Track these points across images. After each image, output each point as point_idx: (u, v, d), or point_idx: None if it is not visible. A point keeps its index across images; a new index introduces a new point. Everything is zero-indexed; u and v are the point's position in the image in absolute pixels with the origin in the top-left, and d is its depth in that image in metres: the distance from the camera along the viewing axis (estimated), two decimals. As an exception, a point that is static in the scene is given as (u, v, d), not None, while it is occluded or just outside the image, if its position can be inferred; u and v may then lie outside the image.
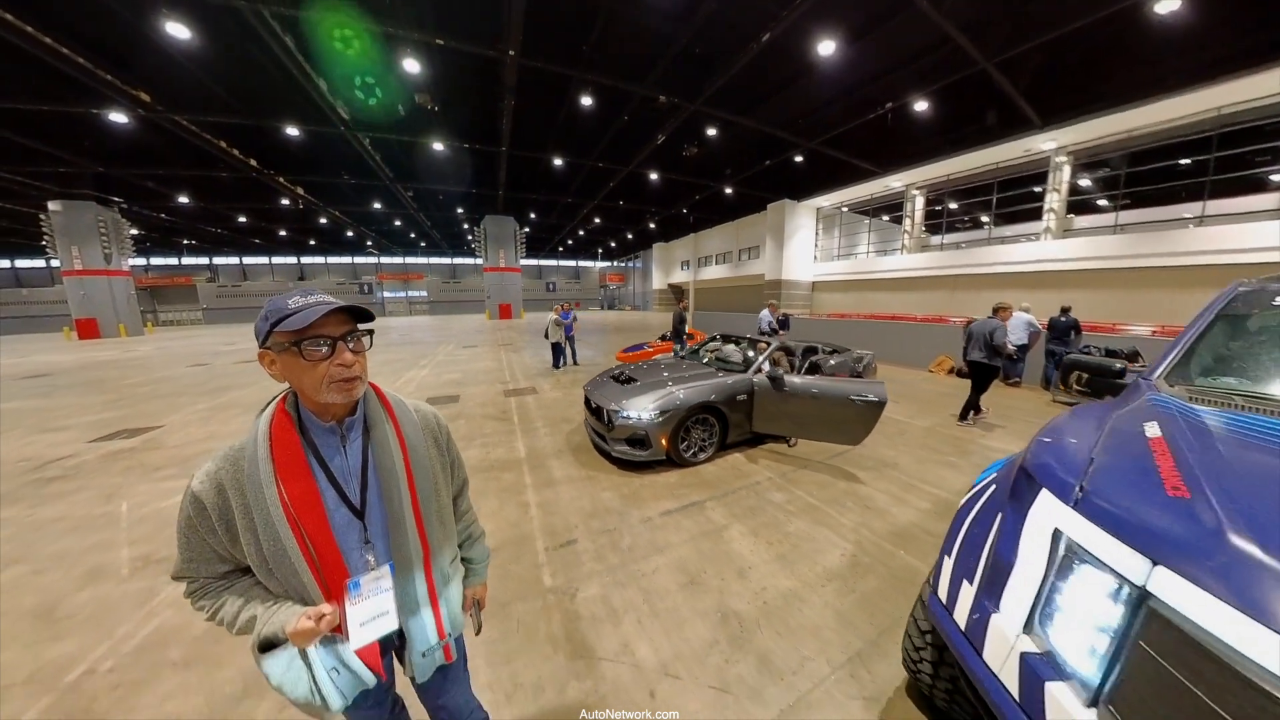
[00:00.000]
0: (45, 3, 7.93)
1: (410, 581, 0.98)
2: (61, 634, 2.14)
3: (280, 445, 0.87)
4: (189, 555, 0.89)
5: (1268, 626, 0.77)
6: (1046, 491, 1.25)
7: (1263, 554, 0.85)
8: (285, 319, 0.83)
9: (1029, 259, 14.69)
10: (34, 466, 4.27)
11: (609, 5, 8.29)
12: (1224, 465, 1.14)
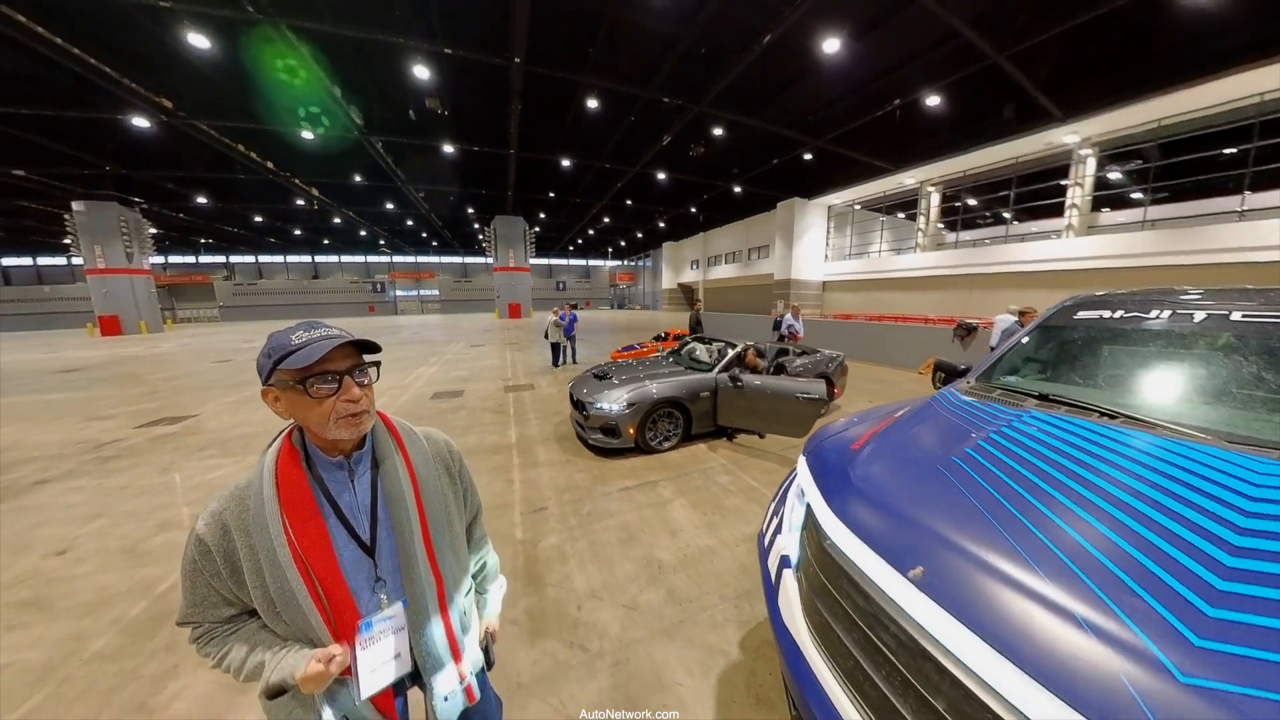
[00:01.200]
0: (75, 15, 8.75)
1: (425, 620, 0.96)
2: (146, 564, 2.87)
3: (286, 483, 0.87)
4: (193, 599, 0.88)
5: (851, 531, 1.23)
6: (803, 455, 1.86)
7: (864, 488, 1.37)
8: (289, 355, 0.82)
9: (1049, 257, 14.42)
10: (92, 447, 5.10)
11: (612, 11, 8.79)
12: (906, 436, 1.65)
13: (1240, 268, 10.50)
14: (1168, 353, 1.69)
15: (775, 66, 10.67)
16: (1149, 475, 1.10)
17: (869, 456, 1.51)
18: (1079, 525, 0.98)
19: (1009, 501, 1.09)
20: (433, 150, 16.86)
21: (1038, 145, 14.18)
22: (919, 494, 1.24)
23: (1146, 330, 1.74)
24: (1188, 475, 1.08)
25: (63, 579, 2.69)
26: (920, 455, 1.45)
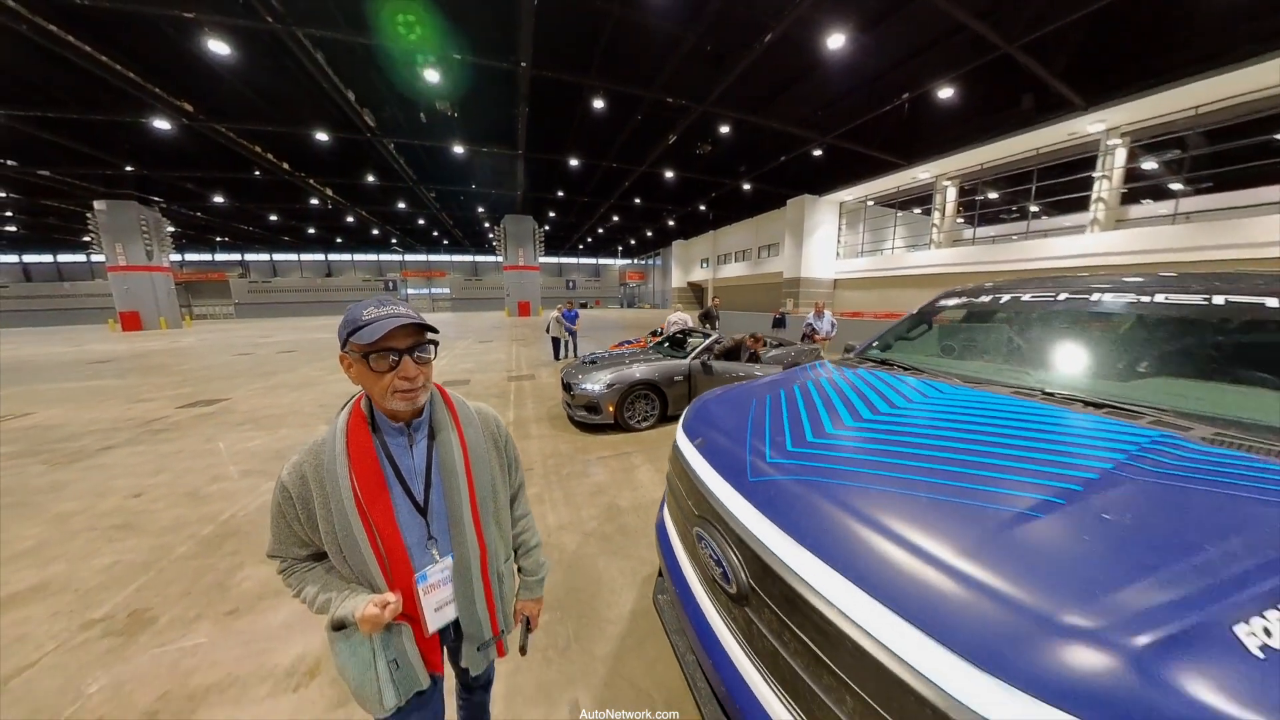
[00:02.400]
0: (101, 22, 9.46)
1: (468, 579, 1.08)
2: (208, 503, 3.68)
3: (355, 442, 0.98)
4: (278, 537, 1.02)
5: (750, 501, 1.27)
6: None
7: (700, 413, 1.90)
8: (358, 330, 0.92)
9: (1073, 253, 13.99)
10: (143, 423, 5.99)
11: (617, 13, 9.27)
12: (756, 385, 2.12)
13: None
14: (975, 329, 2.34)
15: (780, 64, 10.94)
16: (875, 392, 1.74)
17: (718, 397, 2.11)
18: (792, 414, 1.62)
19: (774, 407, 1.71)
20: (443, 151, 17.72)
21: (1060, 135, 13.66)
22: (726, 410, 1.85)
23: (973, 313, 2.39)
24: (893, 394, 1.71)
25: (144, 512, 3.50)
26: (751, 392, 2.02)
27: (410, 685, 1.03)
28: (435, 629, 1.07)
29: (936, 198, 19.68)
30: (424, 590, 1.04)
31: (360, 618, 0.93)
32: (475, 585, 1.09)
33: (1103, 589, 0.73)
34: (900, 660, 0.77)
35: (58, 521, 3.36)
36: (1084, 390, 1.54)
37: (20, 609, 2.42)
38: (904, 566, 0.87)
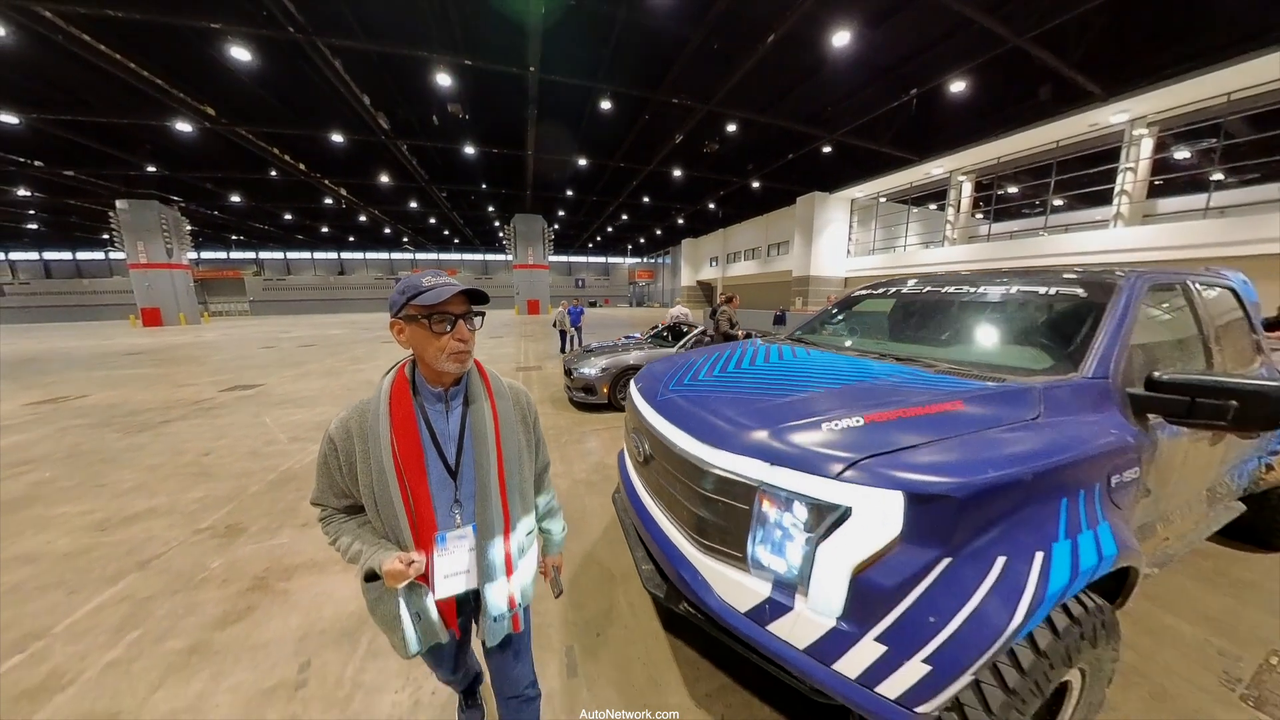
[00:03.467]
0: (132, 31, 10.23)
1: (490, 546, 1.17)
2: (268, 459, 4.54)
3: (397, 404, 1.10)
4: (322, 486, 1.16)
5: (651, 406, 2.01)
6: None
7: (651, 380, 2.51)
8: (420, 294, 1.02)
9: (1095, 249, 13.71)
10: (193, 402, 6.93)
11: (623, 16, 9.83)
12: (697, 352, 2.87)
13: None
14: (867, 315, 3.08)
15: (785, 61, 11.30)
16: (763, 356, 2.48)
17: (662, 360, 2.83)
18: (698, 367, 2.37)
19: (697, 368, 2.47)
20: (455, 152, 18.59)
21: (1080, 126, 13.38)
22: (662, 368, 2.56)
23: (870, 303, 3.13)
24: (775, 356, 2.45)
25: (216, 465, 4.35)
26: (687, 356, 2.72)
27: (431, 637, 1.18)
28: (442, 595, 1.16)
29: (951, 193, 19.47)
30: (439, 553, 1.13)
31: (386, 571, 1.04)
32: (497, 550, 1.18)
33: (773, 419, 1.52)
34: (691, 455, 1.59)
35: (148, 470, 4.22)
36: (897, 350, 2.32)
37: (142, 523, 3.26)
38: (703, 419, 1.68)
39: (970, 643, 1.07)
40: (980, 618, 1.07)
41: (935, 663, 1.07)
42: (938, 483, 1.12)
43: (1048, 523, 1.19)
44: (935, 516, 1.12)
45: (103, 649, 2.10)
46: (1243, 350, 2.67)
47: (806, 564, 1.22)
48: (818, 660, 1.20)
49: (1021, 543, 1.15)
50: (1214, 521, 2.67)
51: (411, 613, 1.15)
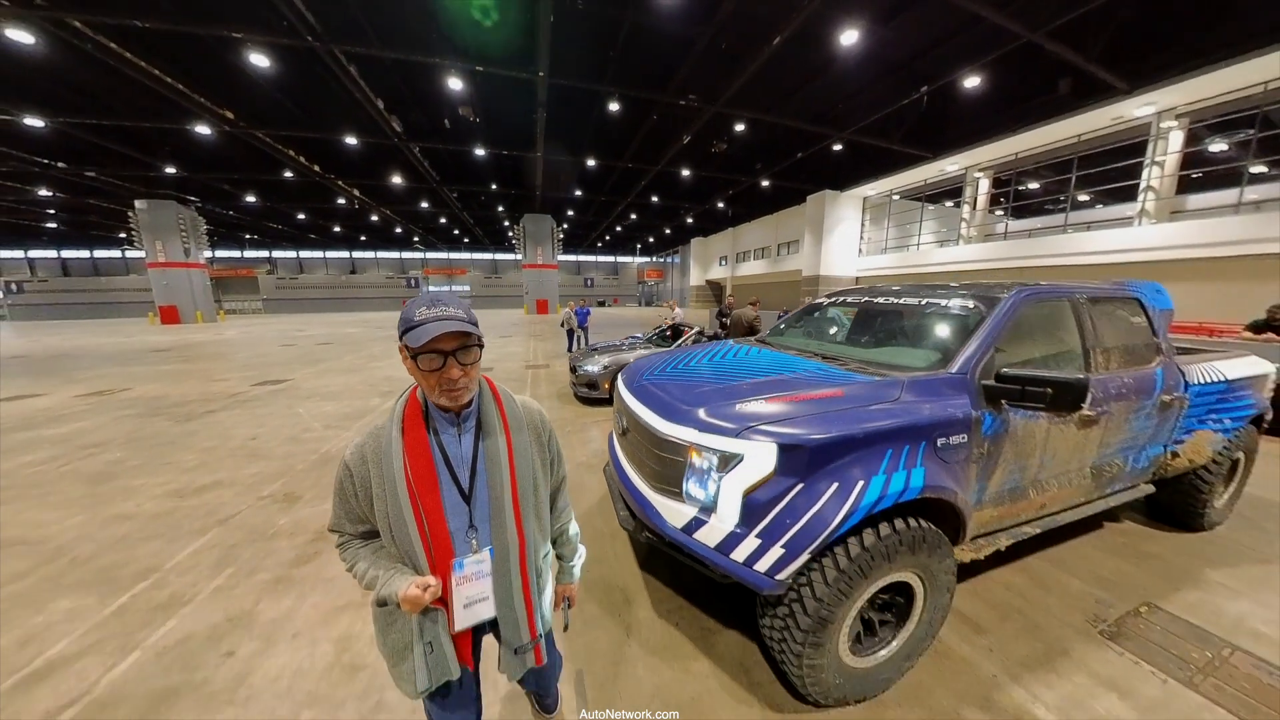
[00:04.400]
0: (156, 39, 10.83)
1: (507, 572, 1.19)
2: (306, 443, 5.30)
3: (410, 428, 1.13)
4: (338, 513, 1.18)
5: (629, 391, 2.68)
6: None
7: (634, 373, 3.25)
8: (409, 331, 1.04)
9: (1119, 247, 13.41)
10: (229, 395, 7.74)
11: (631, 19, 10.20)
12: (678, 352, 3.61)
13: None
14: (820, 319, 3.70)
15: (793, 61, 11.52)
16: (731, 353, 3.12)
17: (646, 357, 3.50)
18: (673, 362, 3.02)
19: (670, 365, 3.12)
20: (465, 154, 19.34)
21: (1103, 120, 13.12)
22: (645, 363, 3.22)
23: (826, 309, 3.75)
24: (732, 355, 3.09)
25: (263, 447, 5.10)
26: (667, 354, 3.44)
27: (442, 672, 1.16)
28: (462, 626, 1.17)
29: (967, 190, 19.26)
30: (457, 580, 1.14)
31: (402, 597, 1.05)
32: (514, 575, 1.19)
33: (705, 401, 2.17)
34: (651, 426, 2.22)
35: (204, 452, 4.97)
36: (828, 351, 2.96)
37: (212, 492, 4.00)
38: (662, 400, 2.32)
39: (809, 534, 1.72)
40: (816, 518, 1.72)
41: (788, 547, 1.72)
42: (797, 437, 1.77)
43: (872, 463, 1.82)
44: (794, 458, 1.76)
45: (208, 579, 2.81)
46: (1138, 353, 3.22)
47: (716, 492, 1.88)
48: (721, 553, 1.86)
49: (850, 474, 1.79)
50: (1114, 498, 3.25)
51: (424, 642, 1.15)
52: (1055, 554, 3.33)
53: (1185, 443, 3.38)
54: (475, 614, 1.18)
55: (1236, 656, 2.39)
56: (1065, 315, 2.91)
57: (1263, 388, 3.86)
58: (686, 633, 2.45)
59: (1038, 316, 2.87)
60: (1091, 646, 2.44)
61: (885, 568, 1.85)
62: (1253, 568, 3.21)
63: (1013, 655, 2.35)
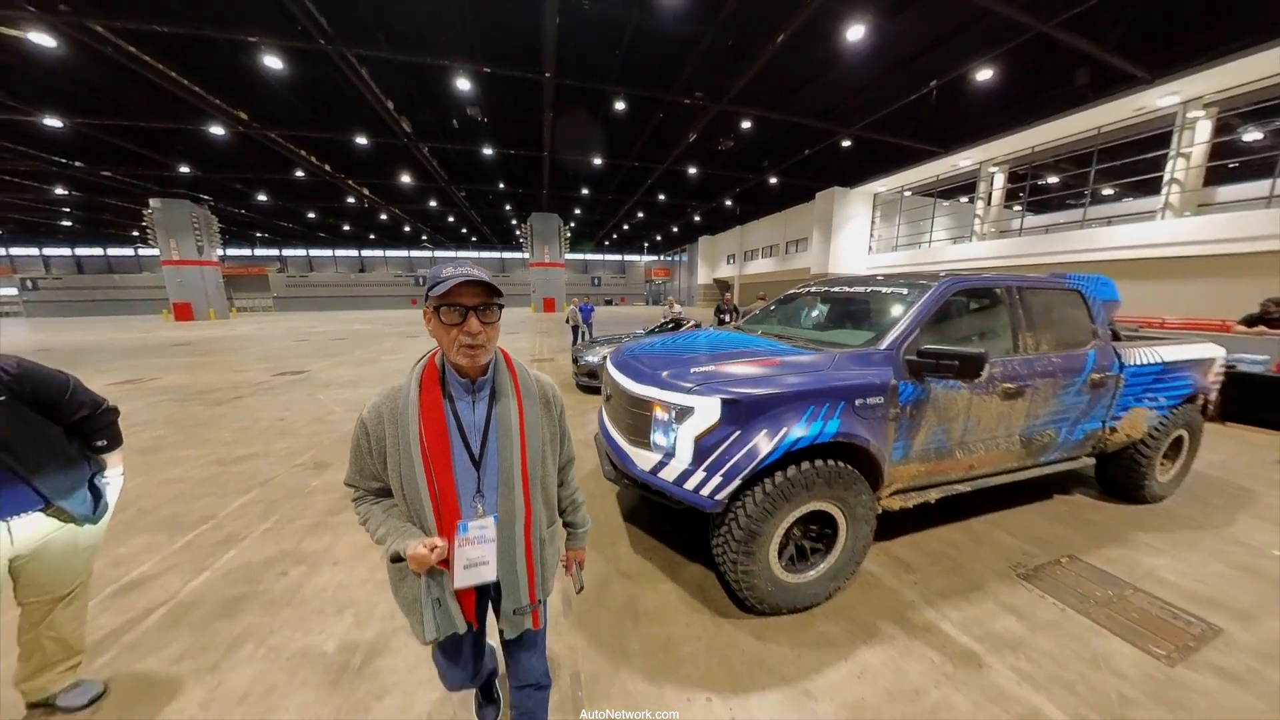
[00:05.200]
0: (173, 43, 11.23)
1: (511, 538, 1.25)
2: (330, 423, 5.93)
3: (426, 392, 1.18)
4: (355, 468, 1.26)
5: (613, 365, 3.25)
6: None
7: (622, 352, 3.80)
8: (436, 285, 1.09)
9: (1141, 242, 13.08)
10: (252, 384, 8.40)
11: (636, 20, 10.41)
12: (669, 338, 4.14)
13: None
14: (786, 308, 4.21)
15: (798, 58, 11.59)
16: (705, 336, 3.64)
17: (632, 340, 4.09)
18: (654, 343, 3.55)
19: (650, 343, 3.65)
20: (473, 153, 19.88)
21: (1125, 111, 12.85)
22: (631, 345, 3.77)
23: (795, 298, 4.26)
24: (704, 337, 3.61)
25: (290, 426, 5.71)
26: (651, 337, 4.00)
27: (448, 626, 1.24)
28: (461, 585, 1.21)
29: (981, 186, 19.06)
30: (460, 542, 1.18)
31: (410, 555, 1.12)
32: (518, 544, 1.25)
33: (667, 367, 2.70)
34: (626, 388, 2.77)
35: (238, 430, 5.58)
36: (787, 332, 3.47)
37: (250, 461, 4.61)
38: (636, 368, 2.86)
39: (742, 465, 2.25)
40: (748, 454, 2.25)
41: (725, 475, 2.25)
42: (736, 394, 2.30)
43: (797, 414, 2.33)
44: (734, 410, 2.29)
45: (257, 524, 3.38)
46: (1071, 336, 3.66)
47: (674, 439, 2.41)
48: (677, 485, 2.40)
49: (778, 422, 2.30)
50: (1052, 466, 3.70)
51: (432, 598, 1.22)
52: (999, 518, 3.78)
53: (1122, 419, 3.79)
54: (476, 575, 1.21)
55: (1135, 595, 2.84)
56: (996, 303, 3.39)
57: (1205, 371, 4.25)
58: (657, 564, 2.99)
59: (971, 304, 3.35)
60: (1006, 585, 2.91)
61: (805, 495, 2.36)
62: (1182, 532, 3.61)
63: (933, 588, 2.84)
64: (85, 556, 1.86)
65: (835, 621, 2.52)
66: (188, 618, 2.47)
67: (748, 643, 2.36)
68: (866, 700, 2.03)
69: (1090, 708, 2.02)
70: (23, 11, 9.55)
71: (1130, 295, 12.14)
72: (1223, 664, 2.30)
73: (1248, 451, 5.48)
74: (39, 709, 1.89)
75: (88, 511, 1.78)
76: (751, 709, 1.99)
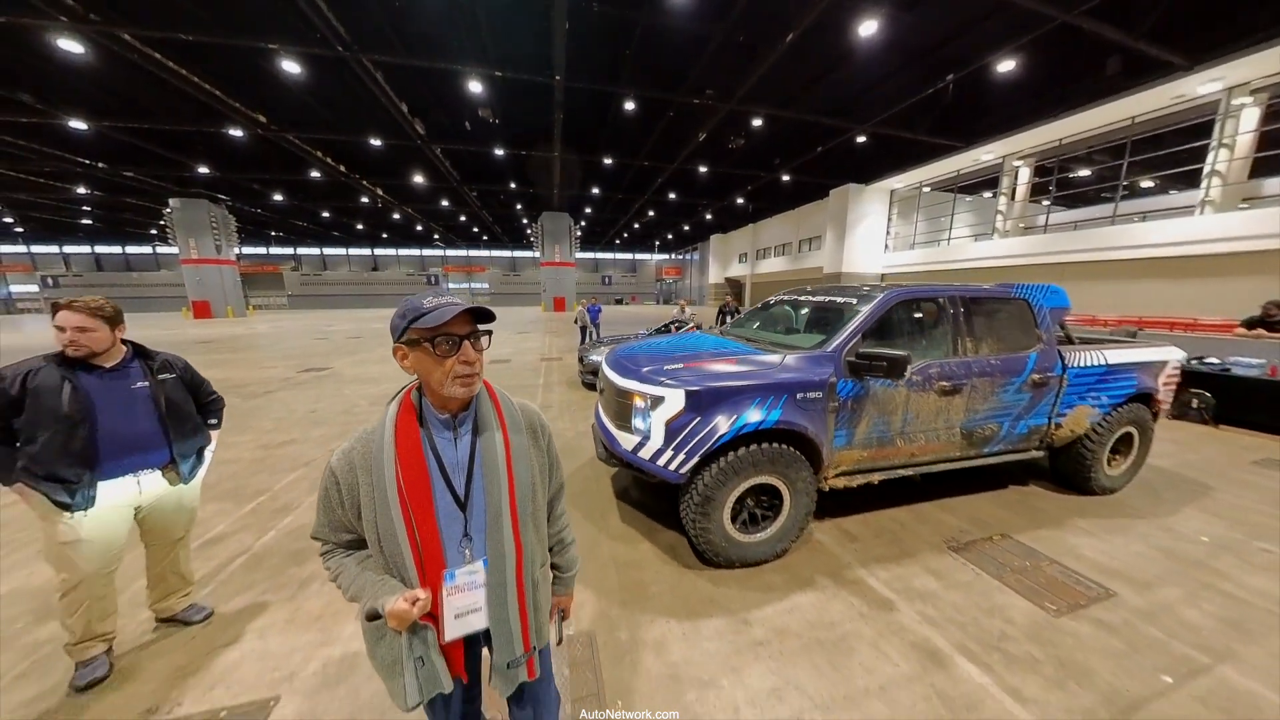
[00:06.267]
0: (194, 48, 11.76)
1: (502, 583, 1.19)
2: (358, 414, 6.78)
3: (403, 432, 1.13)
4: (324, 520, 1.18)
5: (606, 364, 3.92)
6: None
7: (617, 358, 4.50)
8: (421, 317, 1.06)
9: (1174, 239, 12.72)
10: (281, 379, 9.26)
11: (645, 20, 10.68)
12: (658, 340, 4.89)
13: None
14: (760, 314, 4.86)
15: (810, 54, 11.71)
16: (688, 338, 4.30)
17: (624, 343, 4.76)
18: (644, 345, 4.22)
19: (639, 345, 4.32)
20: (485, 154, 20.63)
21: (1162, 99, 12.46)
22: (623, 347, 4.44)
23: (769, 305, 4.90)
24: (689, 339, 4.27)
25: (323, 416, 6.51)
26: (645, 339, 4.66)
27: (433, 685, 1.17)
28: (452, 636, 1.17)
29: (1004, 180, 18.80)
30: (448, 591, 1.14)
31: (389, 612, 1.06)
32: (509, 587, 1.20)
33: (647, 365, 3.37)
34: (615, 382, 3.46)
35: (276, 420, 6.38)
36: (757, 336, 4.13)
37: (291, 446, 5.38)
38: (623, 366, 3.54)
39: (701, 445, 2.92)
40: (706, 435, 2.92)
41: (688, 453, 2.94)
42: (697, 387, 2.97)
43: (747, 404, 2.99)
44: (695, 399, 2.97)
45: (307, 496, 4.13)
46: (1012, 340, 4.19)
47: (649, 423, 3.08)
48: (652, 461, 3.08)
49: (731, 409, 2.97)
50: (996, 457, 4.26)
51: (415, 657, 1.15)
52: (950, 502, 4.32)
53: (1067, 415, 4.30)
54: (466, 625, 1.18)
55: (1050, 566, 3.38)
56: (936, 311, 3.99)
57: (1153, 373, 4.68)
58: (639, 530, 3.67)
59: (914, 312, 3.96)
60: (935, 554, 3.50)
61: (752, 471, 3.02)
62: (1120, 520, 4.04)
63: (870, 554, 3.47)
64: (190, 510, 2.57)
65: (780, 574, 3.17)
66: (263, 564, 3.21)
67: (705, 586, 3.02)
68: (790, 627, 2.69)
69: (973, 641, 2.62)
70: (55, 20, 10.21)
71: (1167, 295, 12.69)
72: (1103, 618, 2.83)
73: (1230, 454, 5.76)
74: (166, 624, 2.63)
75: (188, 474, 2.45)
76: (700, 630, 2.66)
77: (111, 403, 2.19)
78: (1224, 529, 3.95)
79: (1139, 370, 4.57)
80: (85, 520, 2.12)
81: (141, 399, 2.28)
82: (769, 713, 2.14)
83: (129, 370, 2.29)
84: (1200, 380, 7.19)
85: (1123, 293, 14.50)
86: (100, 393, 2.16)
